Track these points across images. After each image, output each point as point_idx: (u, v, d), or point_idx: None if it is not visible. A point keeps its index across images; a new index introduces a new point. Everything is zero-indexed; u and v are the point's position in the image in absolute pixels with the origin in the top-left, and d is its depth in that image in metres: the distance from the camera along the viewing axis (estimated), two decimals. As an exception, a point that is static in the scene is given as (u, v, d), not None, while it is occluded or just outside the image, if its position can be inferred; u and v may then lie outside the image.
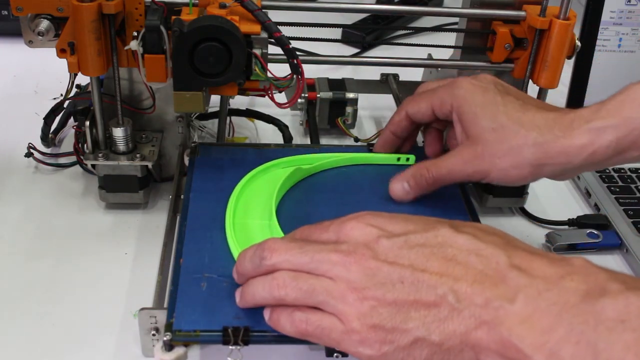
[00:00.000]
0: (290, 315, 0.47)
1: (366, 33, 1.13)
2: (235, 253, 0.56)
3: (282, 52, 0.62)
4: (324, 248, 0.46)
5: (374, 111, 0.95)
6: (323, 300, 0.45)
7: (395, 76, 0.92)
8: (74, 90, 0.76)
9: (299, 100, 0.83)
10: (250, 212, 0.61)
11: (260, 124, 0.87)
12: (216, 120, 0.80)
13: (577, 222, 0.75)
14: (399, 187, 0.63)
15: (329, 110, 0.85)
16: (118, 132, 0.68)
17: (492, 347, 0.40)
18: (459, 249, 0.43)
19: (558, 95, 0.81)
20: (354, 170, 0.70)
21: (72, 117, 0.82)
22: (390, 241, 0.45)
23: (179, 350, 0.50)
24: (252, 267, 0.49)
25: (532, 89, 0.71)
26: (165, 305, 0.54)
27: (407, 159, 0.70)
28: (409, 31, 1.17)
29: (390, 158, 0.70)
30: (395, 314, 0.43)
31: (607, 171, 0.83)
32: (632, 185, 0.81)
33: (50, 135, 0.80)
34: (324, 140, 0.86)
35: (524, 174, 0.58)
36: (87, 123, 0.67)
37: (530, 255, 0.43)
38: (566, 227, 0.75)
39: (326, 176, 0.69)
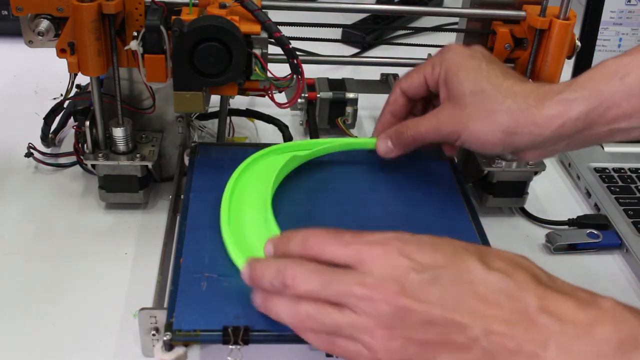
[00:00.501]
0: (316, 336, 0.46)
1: (366, 33, 1.13)
2: (232, 250, 0.55)
3: (282, 52, 0.62)
4: (348, 280, 0.44)
5: (374, 111, 0.95)
6: (349, 334, 0.44)
7: (395, 76, 0.92)
8: (74, 90, 0.76)
9: (299, 100, 0.83)
10: (246, 204, 0.61)
11: (260, 124, 0.87)
12: (216, 120, 0.80)
13: (577, 222, 0.75)
14: (383, 144, 0.65)
15: (329, 110, 0.86)
16: (118, 132, 0.68)
17: None
18: (490, 289, 0.42)
19: (558, 95, 0.81)
20: (354, 169, 0.70)
21: (72, 117, 0.82)
22: (420, 276, 0.43)
23: (179, 350, 0.50)
24: (272, 289, 0.48)
25: (532, 89, 0.71)
26: (165, 305, 0.54)
27: None
28: (409, 31, 1.17)
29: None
30: (424, 353, 0.42)
31: (607, 171, 0.83)
32: (632, 185, 0.81)
33: (50, 135, 0.80)
34: (324, 140, 0.86)
35: (494, 141, 0.58)
36: (87, 123, 0.67)
37: (560, 297, 0.41)
38: (566, 227, 0.75)
39: (326, 175, 0.69)
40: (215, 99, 0.76)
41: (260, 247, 0.52)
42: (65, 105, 0.82)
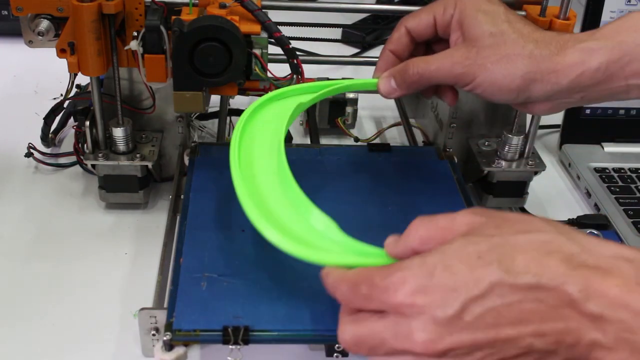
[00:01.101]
0: None
1: (366, 33, 1.12)
2: (244, 201, 0.52)
3: (282, 52, 0.62)
4: (384, 333, 0.42)
5: (374, 111, 0.95)
6: None
7: (395, 76, 0.91)
8: (74, 90, 0.76)
9: (299, 100, 0.82)
10: (256, 153, 0.58)
11: (260, 124, 0.87)
12: (216, 120, 0.80)
13: (577, 222, 0.75)
14: (386, 83, 0.61)
15: (329, 110, 0.86)
16: (118, 132, 0.68)
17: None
18: (524, 296, 0.39)
19: (558, 95, 0.81)
20: (354, 169, 0.70)
21: (72, 117, 0.82)
22: (446, 311, 0.40)
23: (179, 350, 0.50)
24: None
25: (532, 89, 0.71)
26: (165, 305, 0.54)
27: None
28: (409, 31, 1.17)
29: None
30: None
31: (607, 171, 0.83)
32: (632, 185, 0.81)
33: (50, 135, 0.80)
34: (324, 140, 0.86)
35: (511, 86, 0.56)
36: (87, 123, 0.67)
37: (601, 277, 0.38)
38: (566, 227, 0.75)
39: (326, 176, 0.69)
40: (215, 99, 0.76)
41: (272, 196, 0.52)
42: (65, 105, 0.82)
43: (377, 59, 0.63)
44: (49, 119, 0.81)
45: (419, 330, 0.40)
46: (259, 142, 0.58)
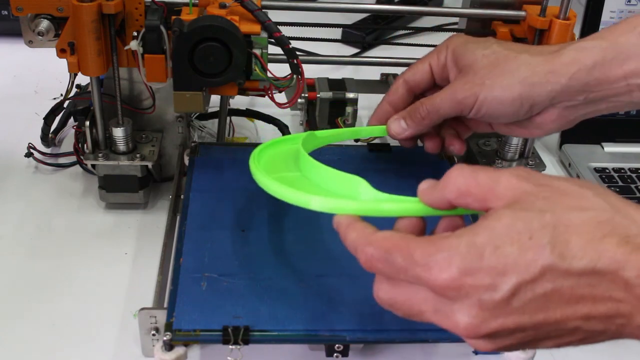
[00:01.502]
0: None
1: (366, 33, 1.12)
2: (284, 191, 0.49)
3: (282, 52, 0.62)
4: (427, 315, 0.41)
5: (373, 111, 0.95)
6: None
7: (395, 76, 0.91)
8: (74, 90, 0.76)
9: (299, 100, 0.83)
10: (279, 165, 0.56)
11: (260, 124, 0.87)
12: (216, 120, 0.80)
13: (577, 222, 0.75)
14: (397, 125, 0.63)
15: (329, 110, 0.85)
16: (118, 132, 0.68)
17: None
18: (577, 281, 0.38)
19: (558, 95, 0.81)
20: (354, 170, 0.70)
21: (72, 117, 0.82)
22: (494, 296, 0.38)
23: (179, 350, 0.50)
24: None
25: (532, 89, 0.71)
26: (165, 305, 0.54)
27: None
28: (409, 31, 1.17)
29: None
30: (523, 346, 0.41)
31: (607, 171, 0.83)
32: (632, 185, 0.81)
33: (50, 135, 0.80)
34: (324, 140, 0.86)
35: (513, 95, 0.56)
36: (87, 123, 0.67)
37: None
38: (566, 227, 0.75)
39: None
40: (215, 99, 0.76)
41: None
42: (65, 105, 0.82)
43: (377, 59, 0.63)
44: (49, 119, 0.81)
45: (462, 314, 0.39)
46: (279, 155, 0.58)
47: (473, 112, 0.59)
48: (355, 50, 1.12)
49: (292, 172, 0.55)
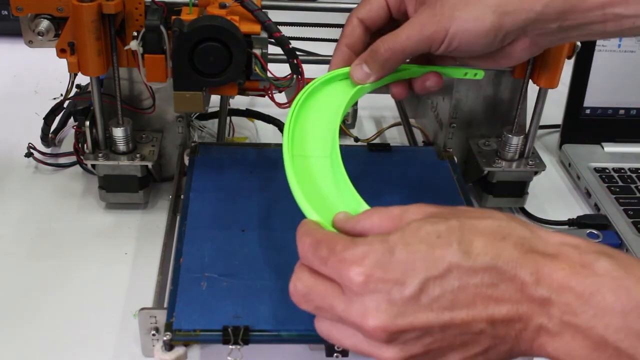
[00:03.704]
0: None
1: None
2: (297, 192, 0.48)
3: (282, 52, 0.62)
4: (335, 305, 0.42)
5: (374, 111, 0.95)
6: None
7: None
8: (74, 90, 0.76)
9: (299, 100, 0.82)
10: (308, 143, 0.53)
11: (260, 124, 0.87)
12: (216, 120, 0.80)
13: (577, 222, 0.75)
14: (359, 71, 0.56)
15: (329, 110, 0.85)
16: (118, 132, 0.68)
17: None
18: (481, 279, 0.39)
19: (558, 95, 0.81)
20: (353, 169, 0.70)
21: (72, 117, 0.82)
22: (403, 292, 0.39)
23: (179, 350, 0.50)
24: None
25: (532, 89, 0.71)
26: (165, 305, 0.54)
27: (475, 74, 0.61)
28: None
29: (457, 72, 0.61)
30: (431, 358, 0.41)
31: (607, 171, 0.83)
32: (632, 185, 0.81)
33: (50, 135, 0.80)
34: (324, 140, 0.86)
35: (485, 27, 0.53)
36: (87, 123, 0.67)
37: (551, 262, 0.39)
38: (566, 227, 0.75)
39: None
40: (215, 99, 0.76)
41: (322, 179, 0.50)
42: (65, 105, 0.82)
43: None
44: (49, 119, 0.81)
45: (371, 308, 0.39)
46: (315, 123, 0.55)
47: (443, 47, 0.54)
48: (355, 50, 1.11)
49: (321, 150, 0.53)
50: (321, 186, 0.50)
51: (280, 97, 0.71)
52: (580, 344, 0.38)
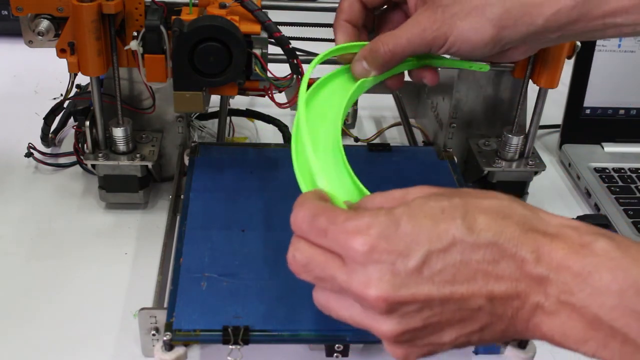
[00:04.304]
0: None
1: (366, 33, 1.12)
2: (310, 154, 0.48)
3: (282, 52, 0.62)
4: (336, 275, 0.42)
5: (374, 111, 0.95)
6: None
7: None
8: (74, 90, 0.76)
9: (299, 100, 0.82)
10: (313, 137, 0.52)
11: (260, 124, 0.87)
12: (216, 120, 0.80)
13: (577, 222, 0.75)
14: (360, 67, 0.58)
15: (329, 110, 0.85)
16: (118, 132, 0.68)
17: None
18: (482, 254, 0.39)
19: (558, 95, 0.81)
20: (353, 169, 0.70)
21: (72, 117, 0.82)
22: (406, 264, 0.39)
23: (179, 350, 0.50)
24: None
25: (532, 89, 0.71)
26: (165, 305, 0.54)
27: (480, 68, 0.62)
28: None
29: (462, 63, 0.62)
30: (428, 333, 0.41)
31: (607, 171, 0.83)
32: (632, 185, 0.81)
33: (50, 135, 0.80)
34: (324, 140, 0.86)
35: (485, 38, 0.54)
36: (87, 123, 0.67)
37: (551, 242, 0.39)
38: (566, 227, 0.75)
39: None
40: (215, 99, 0.76)
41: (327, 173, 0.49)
42: (65, 105, 0.82)
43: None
44: (49, 119, 0.81)
45: (374, 279, 0.39)
46: (319, 118, 0.55)
47: (442, 50, 0.55)
48: (355, 50, 1.11)
49: (331, 125, 0.53)
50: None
51: (280, 97, 0.71)
52: (575, 323, 0.38)
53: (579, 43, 0.68)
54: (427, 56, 0.60)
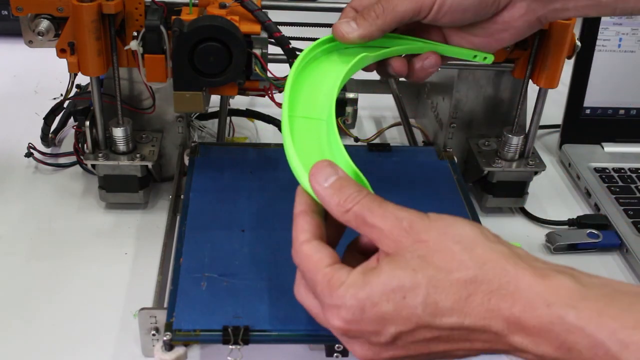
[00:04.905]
0: None
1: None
2: (290, 151, 0.48)
3: (282, 52, 0.62)
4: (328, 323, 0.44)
5: (374, 111, 0.95)
6: None
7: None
8: (74, 90, 0.76)
9: (299, 100, 0.82)
10: (306, 104, 0.53)
11: (260, 124, 0.87)
12: (216, 120, 0.80)
13: (577, 222, 0.75)
14: (346, 25, 0.56)
15: (329, 110, 0.85)
16: (118, 132, 0.68)
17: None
18: (449, 335, 0.41)
19: (558, 95, 0.81)
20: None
21: (72, 117, 0.82)
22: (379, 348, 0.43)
23: (179, 350, 0.50)
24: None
25: (532, 89, 0.71)
26: (165, 305, 0.54)
27: (485, 58, 0.60)
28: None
29: (466, 53, 0.60)
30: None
31: (607, 171, 0.83)
32: (632, 185, 0.81)
33: (50, 135, 0.80)
34: (324, 140, 0.86)
35: None
36: (87, 123, 0.67)
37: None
38: (566, 227, 0.75)
39: None
40: (215, 99, 0.76)
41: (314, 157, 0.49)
42: (65, 105, 0.82)
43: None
44: (49, 119, 0.81)
45: (357, 348, 0.43)
46: (314, 87, 0.55)
47: (433, 12, 0.54)
48: (355, 50, 1.11)
49: (318, 112, 0.53)
50: (315, 147, 0.50)
51: (280, 97, 0.71)
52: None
53: (578, 43, 0.68)
54: (431, 43, 0.60)
